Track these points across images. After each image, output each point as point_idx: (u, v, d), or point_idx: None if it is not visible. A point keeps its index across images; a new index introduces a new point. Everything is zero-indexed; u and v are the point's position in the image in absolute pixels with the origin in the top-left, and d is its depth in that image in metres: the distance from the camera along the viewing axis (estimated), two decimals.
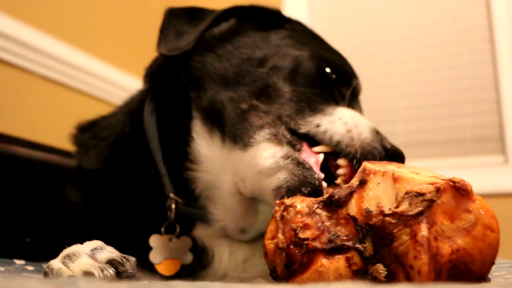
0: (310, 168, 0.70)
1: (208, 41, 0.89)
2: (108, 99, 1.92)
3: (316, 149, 0.74)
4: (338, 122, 0.74)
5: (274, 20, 0.95)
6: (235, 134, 0.79)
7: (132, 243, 0.79)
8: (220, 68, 0.85)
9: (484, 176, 2.41)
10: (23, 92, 1.57)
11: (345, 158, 0.72)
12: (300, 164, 0.71)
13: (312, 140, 0.75)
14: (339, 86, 0.85)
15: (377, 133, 0.75)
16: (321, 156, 0.72)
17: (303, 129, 0.75)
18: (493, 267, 0.92)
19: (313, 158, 0.72)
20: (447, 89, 2.61)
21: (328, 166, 0.73)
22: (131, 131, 0.91)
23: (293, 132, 0.76)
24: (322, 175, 0.70)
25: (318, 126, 0.75)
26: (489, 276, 0.73)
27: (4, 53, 1.49)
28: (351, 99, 0.86)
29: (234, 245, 0.86)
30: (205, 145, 0.84)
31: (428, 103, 2.64)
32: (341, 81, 0.86)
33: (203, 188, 0.84)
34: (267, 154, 0.73)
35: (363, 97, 1.00)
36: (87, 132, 0.98)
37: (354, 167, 0.70)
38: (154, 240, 0.83)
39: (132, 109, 0.95)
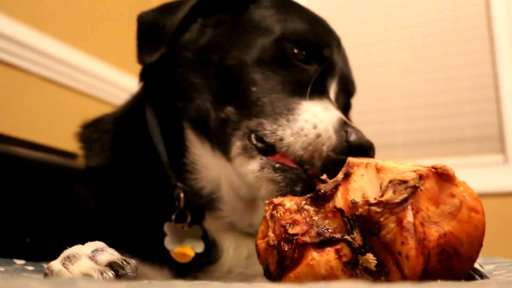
0: (290, 168, 0.71)
1: (182, 51, 0.87)
2: (108, 99, 1.92)
3: None
4: (300, 134, 0.72)
5: (239, 1, 0.90)
6: (218, 145, 0.81)
7: (142, 235, 0.81)
8: (199, 77, 0.84)
9: (483, 175, 2.40)
10: (23, 93, 1.58)
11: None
12: (278, 169, 0.72)
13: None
14: (309, 64, 0.82)
15: (343, 126, 0.73)
16: None
17: (269, 139, 0.74)
18: (493, 267, 0.93)
19: (288, 159, 0.73)
20: (447, 88, 2.62)
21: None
22: (133, 124, 0.93)
23: (262, 140, 0.75)
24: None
25: (281, 139, 0.73)
26: (489, 275, 0.73)
27: (3, 53, 1.50)
28: (326, 73, 0.83)
29: (239, 239, 0.87)
30: (200, 154, 0.85)
31: (428, 102, 2.65)
32: (312, 56, 0.83)
33: (207, 189, 0.86)
34: (245, 170, 0.75)
35: (361, 97, 0.99)
36: (90, 127, 1.00)
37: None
38: (168, 227, 0.83)
39: (134, 104, 0.97)
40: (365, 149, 0.71)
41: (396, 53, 2.75)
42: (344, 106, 0.93)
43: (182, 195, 0.84)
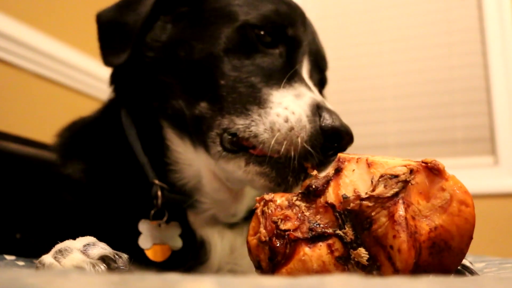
0: (275, 159, 0.71)
1: (147, 51, 0.85)
2: (99, 96, 1.92)
3: None
4: (273, 129, 0.71)
5: None
6: (199, 142, 0.80)
7: (122, 235, 0.80)
8: (169, 75, 0.83)
9: (474, 176, 2.42)
10: (14, 89, 1.58)
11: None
12: (263, 161, 0.72)
13: None
14: (276, 47, 0.80)
15: (316, 111, 0.72)
16: None
17: (242, 134, 0.74)
18: (484, 264, 0.93)
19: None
20: (439, 90, 2.65)
21: None
22: (109, 128, 0.92)
23: (235, 135, 0.75)
24: None
25: (255, 136, 0.72)
26: (480, 273, 0.74)
27: None
28: (295, 52, 0.81)
29: (222, 233, 0.87)
30: (182, 152, 0.85)
31: (420, 104, 2.67)
32: (278, 38, 0.81)
33: (190, 185, 0.86)
34: (232, 168, 0.75)
35: (354, 98, 1.00)
36: (66, 133, 0.99)
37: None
38: (143, 225, 0.82)
39: (109, 106, 0.96)
40: (339, 133, 0.70)
41: (389, 54, 2.77)
42: (319, 81, 0.91)
43: (159, 193, 0.83)
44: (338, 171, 0.57)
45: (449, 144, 2.59)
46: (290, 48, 0.82)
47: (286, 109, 0.72)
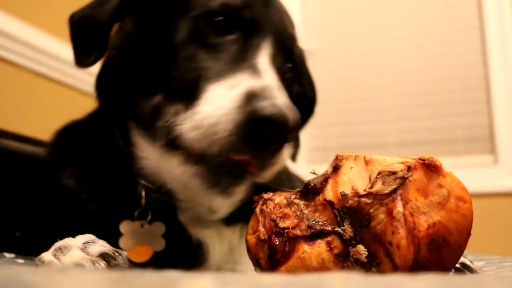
0: (212, 157, 0.68)
1: (111, 51, 0.85)
2: None
3: None
4: (199, 127, 0.68)
5: None
6: (154, 138, 0.79)
7: (115, 235, 0.80)
8: (129, 70, 0.82)
9: (474, 176, 2.43)
10: (14, 87, 1.58)
11: None
12: (198, 161, 0.70)
13: None
14: (232, 33, 0.77)
15: (249, 100, 0.66)
16: None
17: (173, 134, 0.71)
18: (483, 263, 0.94)
19: None
20: (438, 89, 2.66)
21: None
22: (99, 130, 0.92)
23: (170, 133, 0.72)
24: None
25: (180, 135, 0.70)
26: (480, 271, 0.74)
27: None
28: (253, 35, 0.77)
29: (220, 233, 0.87)
30: (147, 156, 0.84)
31: (419, 102, 2.68)
32: (233, 23, 0.77)
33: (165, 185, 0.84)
34: (169, 166, 0.75)
35: (353, 96, 0.99)
36: (58, 137, 0.99)
37: None
38: (124, 226, 0.82)
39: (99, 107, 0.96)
40: (273, 122, 0.64)
41: (389, 53, 2.78)
42: (284, 63, 0.85)
43: (143, 193, 0.83)
44: (336, 169, 0.57)
45: (448, 143, 2.60)
46: (247, 32, 0.78)
47: (213, 104, 0.68)
